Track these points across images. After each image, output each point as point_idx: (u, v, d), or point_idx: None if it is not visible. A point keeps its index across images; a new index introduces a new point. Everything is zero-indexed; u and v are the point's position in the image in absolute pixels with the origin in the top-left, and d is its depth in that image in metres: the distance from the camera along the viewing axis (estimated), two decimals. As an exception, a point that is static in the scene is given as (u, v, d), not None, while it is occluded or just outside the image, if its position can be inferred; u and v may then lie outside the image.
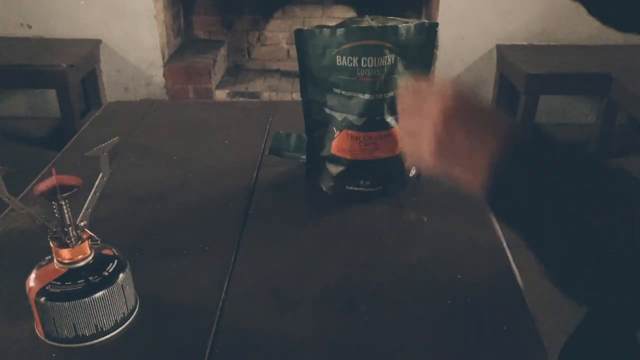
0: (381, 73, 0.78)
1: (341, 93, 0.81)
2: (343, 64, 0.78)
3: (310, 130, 0.88)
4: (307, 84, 0.84)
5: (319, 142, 0.87)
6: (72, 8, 2.91)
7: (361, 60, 0.77)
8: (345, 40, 0.77)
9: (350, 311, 0.66)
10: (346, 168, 0.85)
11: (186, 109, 1.25)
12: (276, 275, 0.71)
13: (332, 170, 0.87)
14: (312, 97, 0.85)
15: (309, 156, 0.90)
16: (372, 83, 0.79)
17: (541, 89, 2.69)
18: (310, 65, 0.82)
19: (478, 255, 0.75)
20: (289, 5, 3.37)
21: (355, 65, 0.78)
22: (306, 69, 0.82)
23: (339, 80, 0.80)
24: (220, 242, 0.77)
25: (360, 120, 0.82)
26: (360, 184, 0.86)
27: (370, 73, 0.78)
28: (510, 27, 2.92)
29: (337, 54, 0.78)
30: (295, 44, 0.81)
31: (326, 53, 0.79)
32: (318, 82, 0.82)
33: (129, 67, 3.06)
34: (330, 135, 0.85)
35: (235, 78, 3.37)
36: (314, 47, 0.79)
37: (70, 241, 0.59)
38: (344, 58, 0.78)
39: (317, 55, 0.80)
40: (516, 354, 0.60)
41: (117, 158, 1.00)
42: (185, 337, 0.62)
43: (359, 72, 0.78)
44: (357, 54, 0.77)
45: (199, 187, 0.92)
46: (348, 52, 0.77)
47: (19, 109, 3.16)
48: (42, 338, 0.61)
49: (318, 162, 0.88)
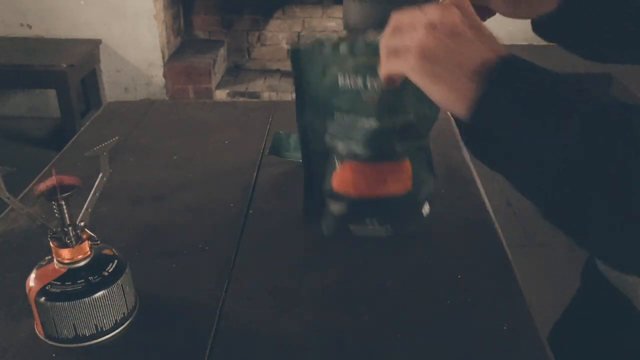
0: (389, 94, 0.68)
1: (344, 118, 0.71)
2: (346, 84, 0.69)
3: (307, 162, 0.78)
4: (304, 108, 0.74)
5: (317, 175, 0.77)
6: (72, 8, 2.91)
7: (367, 80, 0.67)
8: (349, 57, 0.67)
9: (350, 311, 0.66)
10: (350, 206, 0.75)
11: (186, 109, 1.25)
12: (276, 275, 0.72)
13: (333, 208, 0.76)
14: (310, 123, 0.74)
15: (307, 192, 0.80)
16: (379, 106, 0.69)
17: (541, 89, 2.69)
18: (308, 87, 0.72)
19: (478, 255, 0.75)
20: (289, 5, 3.37)
21: (360, 86, 0.68)
22: (303, 91, 0.72)
23: (342, 103, 0.70)
24: (220, 242, 0.77)
25: (366, 150, 0.71)
26: (366, 222, 0.76)
27: (377, 95, 0.68)
28: (510, 27, 2.92)
29: (339, 74, 0.68)
30: (291, 63, 0.71)
31: (327, 72, 0.69)
32: (317, 106, 0.72)
33: (129, 67, 3.06)
34: (331, 168, 0.75)
35: (235, 78, 3.38)
36: (313, 66, 0.70)
37: (70, 241, 0.59)
38: (348, 78, 0.68)
39: (316, 75, 0.70)
40: (516, 354, 0.60)
41: (117, 158, 1.00)
42: (185, 337, 0.62)
43: (365, 94, 0.68)
44: (363, 73, 0.67)
45: (199, 187, 0.92)
46: (352, 71, 0.68)
47: (19, 109, 3.16)
48: (42, 338, 0.61)
49: (317, 199, 0.78)
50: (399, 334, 0.62)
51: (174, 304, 0.67)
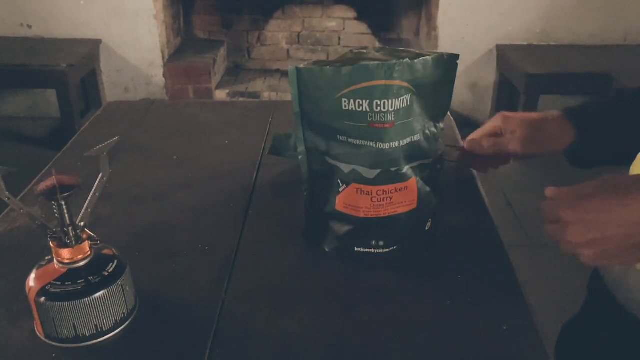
0: (397, 117, 0.65)
1: (348, 141, 0.67)
2: (351, 108, 0.65)
3: (309, 182, 0.75)
4: (305, 130, 0.70)
5: (320, 196, 0.73)
6: (72, 8, 2.91)
7: (373, 103, 0.64)
8: (352, 80, 0.63)
9: (350, 311, 0.66)
10: (355, 227, 0.72)
11: (186, 109, 1.25)
12: (276, 275, 0.72)
13: (337, 230, 0.73)
14: (312, 144, 0.71)
15: (308, 212, 0.77)
16: (387, 130, 0.65)
17: (541, 89, 2.70)
18: (310, 109, 0.68)
19: (478, 255, 0.75)
20: (289, 5, 3.37)
21: (366, 110, 0.64)
22: (304, 113, 0.69)
23: (346, 127, 0.66)
24: (220, 242, 0.77)
25: (372, 172, 0.68)
26: (372, 244, 0.72)
27: (384, 118, 0.65)
28: (510, 27, 2.92)
29: (344, 97, 0.65)
30: (290, 83, 0.68)
31: (329, 96, 0.65)
32: (319, 129, 0.69)
33: (129, 67, 3.06)
34: (335, 189, 0.71)
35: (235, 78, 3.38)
36: (314, 89, 0.66)
37: (70, 241, 0.59)
38: (352, 102, 0.64)
39: (318, 98, 0.67)
40: (516, 354, 0.60)
41: (117, 158, 1.00)
42: (185, 337, 0.62)
43: (371, 118, 0.65)
44: (368, 97, 0.64)
45: (199, 187, 0.92)
46: (357, 95, 0.64)
47: (19, 109, 3.16)
48: (42, 338, 0.61)
49: (319, 220, 0.75)
50: (399, 334, 0.62)
51: (174, 304, 0.67)
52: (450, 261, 0.74)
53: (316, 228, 0.76)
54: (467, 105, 3.11)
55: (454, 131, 1.11)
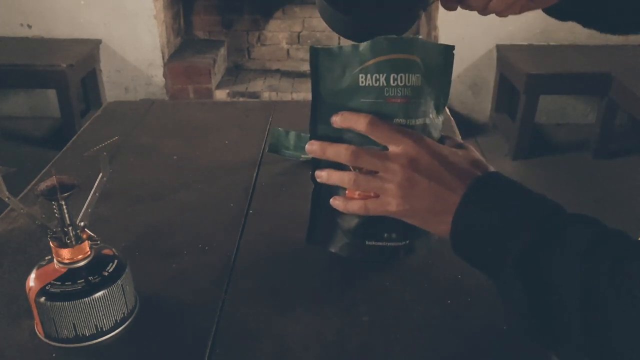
0: (412, 93, 0.65)
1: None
2: (368, 83, 0.64)
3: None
4: (317, 117, 0.68)
5: (328, 191, 0.69)
6: (72, 8, 2.91)
7: (390, 77, 0.64)
8: (370, 55, 0.64)
9: (350, 311, 0.66)
10: (366, 219, 0.68)
11: (186, 109, 1.25)
12: (276, 275, 0.72)
13: (346, 224, 0.70)
14: (324, 132, 0.68)
15: (314, 210, 0.72)
16: (403, 105, 0.64)
17: (541, 89, 2.69)
18: (325, 91, 0.67)
19: (478, 255, 0.75)
20: (289, 5, 3.37)
21: (382, 84, 0.64)
22: (320, 96, 0.68)
23: (362, 105, 0.65)
24: (220, 242, 0.77)
25: None
26: (384, 237, 0.69)
27: (401, 93, 0.64)
28: (510, 27, 2.92)
29: (360, 73, 0.64)
30: (310, 64, 0.67)
31: (346, 73, 0.65)
32: (333, 112, 0.67)
33: (129, 67, 3.06)
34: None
35: (235, 78, 3.38)
36: (331, 69, 0.66)
37: (70, 241, 0.59)
38: (369, 77, 0.64)
39: (335, 78, 0.66)
40: (516, 354, 0.60)
41: (117, 158, 1.00)
42: (185, 337, 0.62)
43: (387, 92, 0.64)
44: (386, 70, 0.64)
45: (199, 187, 0.92)
46: (374, 69, 0.64)
47: (19, 109, 3.16)
48: (42, 338, 0.61)
49: (326, 216, 0.71)
50: (399, 334, 0.62)
51: (174, 304, 0.67)
52: (450, 261, 0.74)
53: (321, 226, 0.73)
54: (467, 105, 3.11)
55: (454, 131, 1.11)
